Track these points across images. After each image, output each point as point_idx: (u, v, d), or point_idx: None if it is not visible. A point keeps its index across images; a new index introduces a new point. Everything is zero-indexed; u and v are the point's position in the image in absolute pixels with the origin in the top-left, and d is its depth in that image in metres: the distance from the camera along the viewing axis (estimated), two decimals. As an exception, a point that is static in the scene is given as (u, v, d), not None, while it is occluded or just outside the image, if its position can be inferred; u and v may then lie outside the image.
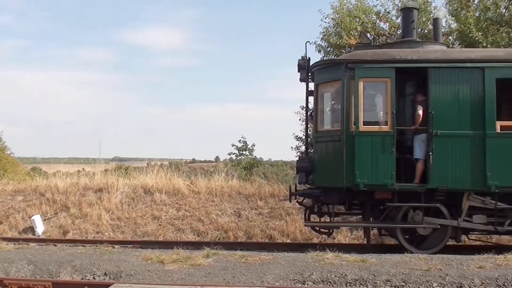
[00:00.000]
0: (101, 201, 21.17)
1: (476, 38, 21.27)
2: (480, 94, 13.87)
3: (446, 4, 24.10)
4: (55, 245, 16.02)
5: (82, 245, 16.07)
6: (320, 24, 26.59)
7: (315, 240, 18.16)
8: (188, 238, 19.11)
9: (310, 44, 24.94)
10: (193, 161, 73.85)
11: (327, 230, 15.75)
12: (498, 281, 10.75)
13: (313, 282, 10.92)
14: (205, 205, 20.92)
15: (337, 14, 24.53)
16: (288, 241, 18.63)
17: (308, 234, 18.75)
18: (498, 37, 21.37)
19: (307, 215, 15.42)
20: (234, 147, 27.99)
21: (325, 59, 22.83)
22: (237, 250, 13.96)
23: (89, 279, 11.63)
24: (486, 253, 13.01)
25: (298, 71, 15.52)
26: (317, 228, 15.89)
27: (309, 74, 15.46)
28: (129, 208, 20.89)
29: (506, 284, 10.66)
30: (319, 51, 25.30)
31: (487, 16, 22.54)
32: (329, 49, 24.92)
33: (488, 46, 20.94)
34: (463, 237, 15.16)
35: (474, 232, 15.20)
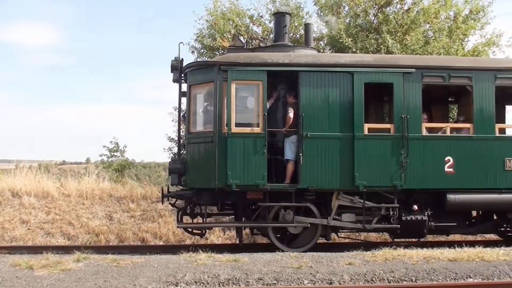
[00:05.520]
0: (-35, 206, 20.23)
1: (346, 44, 21.88)
2: (349, 97, 14.34)
3: (318, 11, 24.67)
4: None
5: None
6: (194, 26, 26.60)
7: (188, 242, 18.15)
8: (58, 242, 18.52)
9: (183, 45, 25.01)
10: (63, 162, 72.16)
11: (199, 231, 15.76)
12: (366, 276, 11.14)
13: (186, 284, 10.88)
14: (75, 208, 20.39)
15: (211, 16, 24.51)
16: (161, 243, 18.49)
17: (181, 236, 18.70)
18: (367, 43, 22.08)
19: (179, 216, 15.37)
20: (105, 148, 27.32)
21: (198, 60, 22.82)
22: (108, 253, 13.72)
23: (-48, 288, 11.10)
24: (355, 250, 13.41)
25: (171, 72, 15.41)
26: (190, 229, 15.85)
27: (182, 75, 15.44)
28: (-5, 212, 20.07)
29: (374, 279, 11.06)
30: (193, 52, 25.22)
31: (356, 23, 23.24)
32: (202, 50, 24.87)
33: (357, 51, 21.62)
34: (333, 235, 15.65)
35: (344, 230, 15.73)
